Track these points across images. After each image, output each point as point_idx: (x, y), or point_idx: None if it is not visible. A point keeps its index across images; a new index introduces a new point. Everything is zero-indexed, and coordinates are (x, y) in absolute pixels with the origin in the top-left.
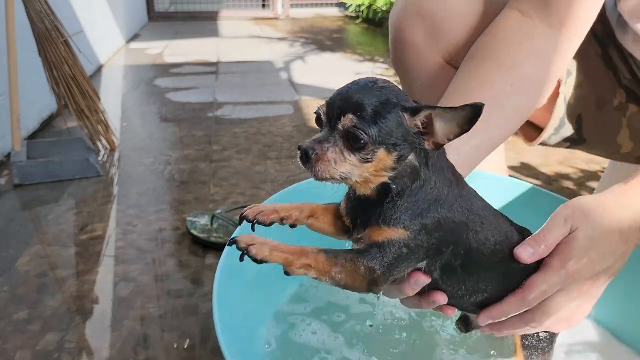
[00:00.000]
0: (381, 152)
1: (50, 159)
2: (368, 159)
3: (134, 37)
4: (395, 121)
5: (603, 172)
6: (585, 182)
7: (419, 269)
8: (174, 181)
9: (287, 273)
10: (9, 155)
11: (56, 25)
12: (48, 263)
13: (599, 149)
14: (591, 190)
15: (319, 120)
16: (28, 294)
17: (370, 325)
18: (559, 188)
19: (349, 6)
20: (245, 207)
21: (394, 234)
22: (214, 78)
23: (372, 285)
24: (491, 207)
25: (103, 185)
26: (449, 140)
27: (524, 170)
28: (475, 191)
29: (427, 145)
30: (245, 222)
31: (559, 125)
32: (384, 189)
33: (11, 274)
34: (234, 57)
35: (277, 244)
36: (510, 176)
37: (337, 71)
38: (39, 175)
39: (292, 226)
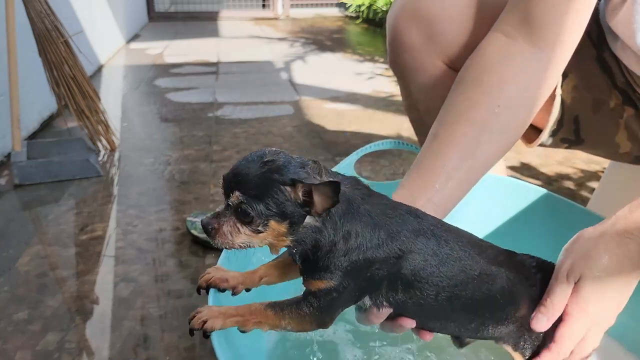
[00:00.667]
0: (272, 223)
1: (50, 159)
2: (259, 230)
3: (134, 37)
4: (279, 195)
5: (603, 172)
6: (585, 182)
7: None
8: (174, 181)
9: (242, 331)
10: (9, 155)
11: (56, 25)
12: (48, 263)
13: (598, 149)
14: (591, 190)
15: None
16: (28, 294)
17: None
18: (559, 188)
19: (349, 6)
20: None
21: (321, 284)
22: (214, 78)
23: (319, 326)
24: (461, 239)
25: (103, 185)
26: (325, 210)
27: (524, 170)
28: (427, 225)
29: (313, 213)
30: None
31: (557, 126)
32: (293, 251)
33: (11, 274)
34: (234, 57)
35: (226, 309)
36: (510, 176)
37: (337, 71)
38: (39, 175)
39: (247, 290)
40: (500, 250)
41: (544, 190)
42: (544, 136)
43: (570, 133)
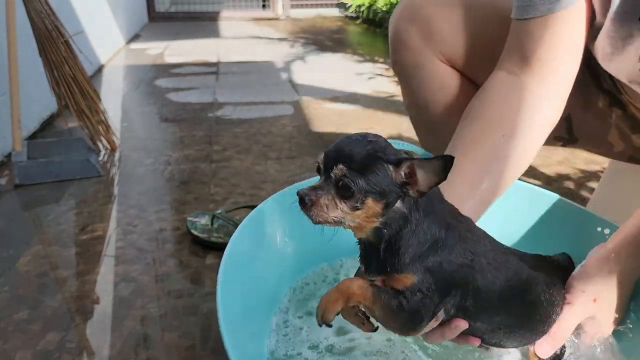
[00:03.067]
0: (369, 201)
1: (51, 159)
2: (357, 206)
3: (134, 37)
4: (382, 172)
5: (603, 172)
6: (585, 182)
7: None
8: (174, 181)
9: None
10: (9, 155)
11: (56, 25)
12: (48, 263)
13: (593, 147)
14: (591, 190)
15: (318, 169)
16: (28, 294)
17: None
18: (559, 188)
19: (349, 6)
20: (245, 207)
21: (406, 280)
22: (214, 78)
23: (405, 328)
24: (501, 246)
25: (103, 185)
26: (430, 188)
27: None
28: (484, 233)
29: (412, 193)
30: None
31: None
32: (379, 233)
33: (11, 274)
34: (234, 57)
35: (336, 291)
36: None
37: (337, 71)
38: (39, 175)
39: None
40: (530, 255)
41: (543, 190)
42: None
43: (563, 131)
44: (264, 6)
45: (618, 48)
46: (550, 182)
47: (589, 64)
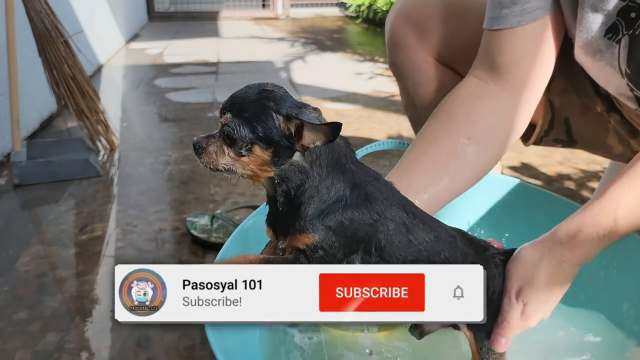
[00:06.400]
0: (256, 149)
1: (50, 159)
2: (242, 153)
3: (134, 37)
4: (269, 122)
5: (603, 172)
6: (585, 182)
7: None
8: (174, 181)
9: None
10: (8, 155)
11: (56, 25)
12: (48, 263)
13: (592, 149)
14: (591, 190)
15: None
16: (28, 294)
17: None
18: (559, 188)
19: (349, 6)
20: (245, 207)
21: (306, 239)
22: (214, 78)
23: None
24: (428, 219)
25: (103, 185)
26: (314, 144)
27: (524, 170)
28: (404, 201)
29: (297, 147)
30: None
31: (548, 127)
32: (276, 185)
33: (11, 274)
34: (234, 57)
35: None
36: (510, 176)
37: (337, 71)
38: (39, 175)
39: None
40: (455, 229)
41: (531, 186)
42: (537, 136)
43: (562, 134)
44: (263, 6)
45: (593, 61)
46: (550, 182)
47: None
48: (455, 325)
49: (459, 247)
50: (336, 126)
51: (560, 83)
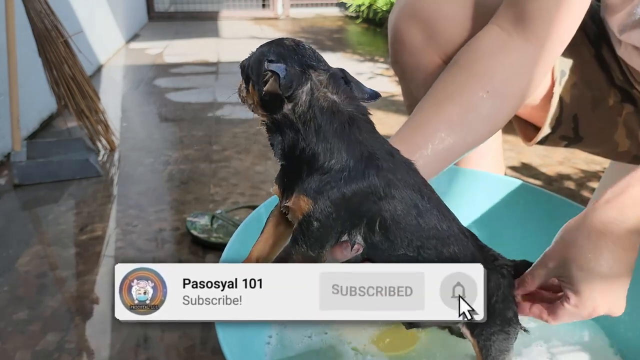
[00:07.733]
0: (250, 86)
1: (50, 159)
2: (247, 88)
3: (134, 37)
4: (257, 64)
5: (603, 172)
6: (585, 182)
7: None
8: (174, 181)
9: None
10: (8, 155)
11: (56, 25)
12: (48, 263)
13: (596, 148)
14: (591, 190)
15: None
16: (28, 294)
17: None
18: (559, 188)
19: (349, 6)
20: (245, 207)
21: (303, 203)
22: (214, 78)
23: (309, 260)
24: (442, 207)
25: (103, 185)
26: (268, 92)
27: (524, 170)
28: (417, 180)
29: (265, 88)
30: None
31: (555, 124)
32: (270, 130)
33: (11, 274)
34: (234, 57)
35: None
36: (510, 176)
37: None
38: (39, 175)
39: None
40: (469, 231)
41: (533, 187)
42: (543, 134)
43: (569, 131)
44: (263, 6)
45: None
46: (550, 182)
47: (601, 58)
48: (450, 328)
49: (469, 248)
50: (283, 82)
51: (572, 78)
